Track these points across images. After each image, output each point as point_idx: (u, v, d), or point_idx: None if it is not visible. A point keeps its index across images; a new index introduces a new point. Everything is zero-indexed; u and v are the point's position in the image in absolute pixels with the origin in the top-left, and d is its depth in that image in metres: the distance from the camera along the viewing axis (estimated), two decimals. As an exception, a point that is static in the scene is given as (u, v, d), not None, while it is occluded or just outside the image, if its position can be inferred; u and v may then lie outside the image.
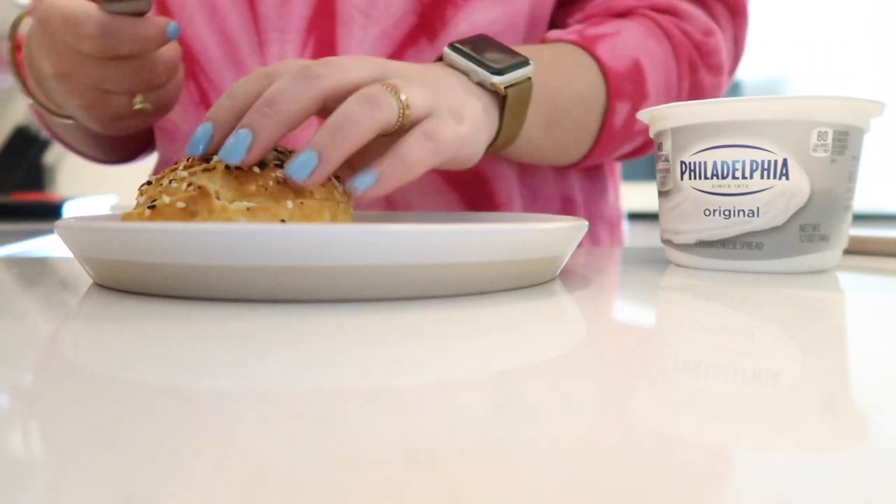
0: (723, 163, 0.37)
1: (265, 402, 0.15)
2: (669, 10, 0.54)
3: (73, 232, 0.29)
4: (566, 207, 0.60)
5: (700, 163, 0.38)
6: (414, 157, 0.33)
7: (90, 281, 0.33)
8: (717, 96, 0.56)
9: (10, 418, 0.14)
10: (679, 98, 0.53)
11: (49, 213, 1.26)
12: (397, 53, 0.51)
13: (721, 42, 0.54)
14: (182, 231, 0.25)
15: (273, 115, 0.31)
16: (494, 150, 0.43)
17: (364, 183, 0.32)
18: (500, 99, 0.41)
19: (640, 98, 0.50)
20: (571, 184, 0.60)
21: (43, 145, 1.89)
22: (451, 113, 0.36)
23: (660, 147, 0.41)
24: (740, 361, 0.19)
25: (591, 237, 0.63)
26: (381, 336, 0.21)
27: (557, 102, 0.47)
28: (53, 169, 2.00)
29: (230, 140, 0.31)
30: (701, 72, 0.54)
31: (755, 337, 0.22)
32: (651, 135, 0.43)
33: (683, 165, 0.39)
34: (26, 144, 1.85)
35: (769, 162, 0.36)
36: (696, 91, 0.54)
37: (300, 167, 0.30)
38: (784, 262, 0.37)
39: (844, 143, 0.36)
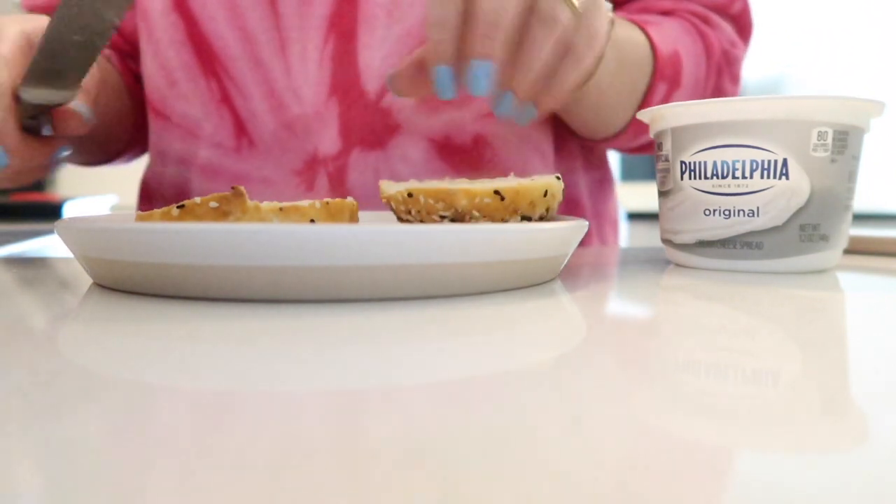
0: (723, 163, 0.37)
1: (265, 402, 0.15)
2: (703, 18, 0.56)
3: (73, 232, 0.29)
4: (570, 209, 0.60)
5: (700, 163, 0.38)
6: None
7: (90, 281, 0.33)
8: None
9: (10, 418, 0.14)
10: (704, 96, 0.56)
11: (49, 213, 1.26)
12: None
13: (742, 55, 0.58)
14: (182, 231, 0.25)
15: (499, 37, 0.32)
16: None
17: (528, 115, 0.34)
18: None
19: (674, 84, 0.52)
20: (577, 184, 0.61)
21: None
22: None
23: (660, 147, 0.41)
24: (740, 361, 0.19)
25: (600, 238, 0.63)
26: (381, 336, 0.21)
27: (623, 52, 0.48)
28: (53, 169, 2.00)
29: (471, 74, 0.32)
30: (725, 77, 0.57)
31: (755, 337, 0.22)
32: (651, 135, 0.43)
33: (683, 165, 0.39)
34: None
35: (769, 162, 0.36)
36: (718, 94, 0.57)
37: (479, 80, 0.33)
38: (784, 262, 0.37)
39: (844, 142, 0.36)
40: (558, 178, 0.34)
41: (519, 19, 0.34)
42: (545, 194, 0.33)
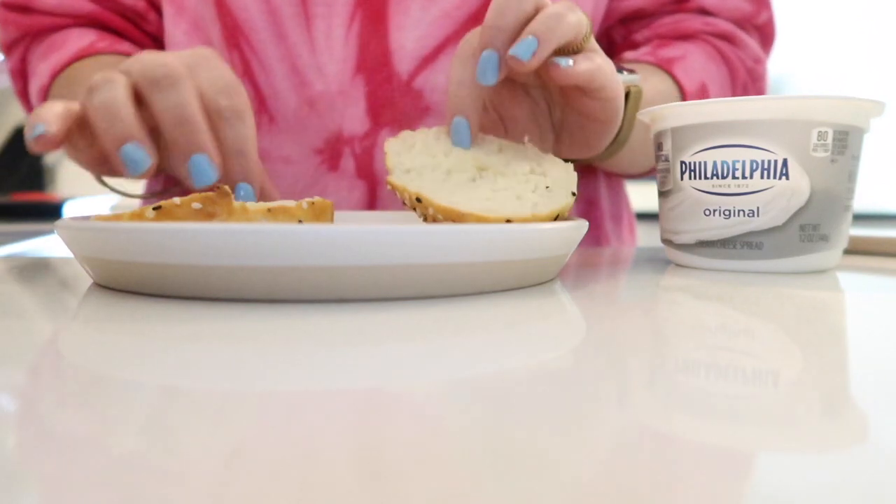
0: (723, 163, 0.37)
1: (265, 403, 0.15)
2: (728, 38, 0.58)
3: (73, 232, 0.29)
4: (589, 210, 0.60)
5: (700, 163, 0.38)
6: (585, 66, 0.36)
7: (90, 281, 0.33)
8: None
9: (10, 418, 0.14)
10: None
11: (49, 213, 1.26)
12: (456, 35, 0.51)
13: (766, 69, 0.60)
14: (182, 231, 0.25)
15: (557, 26, 0.34)
16: (610, 152, 0.46)
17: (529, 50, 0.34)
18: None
19: None
20: (597, 187, 0.61)
21: (43, 145, 1.88)
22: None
23: (660, 147, 0.41)
24: (740, 361, 0.19)
25: (618, 240, 0.64)
26: (381, 336, 0.21)
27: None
28: (53, 169, 2.00)
29: (517, 44, 0.33)
30: (751, 94, 0.59)
31: (755, 337, 0.22)
32: (651, 134, 0.43)
33: (683, 165, 0.39)
34: (26, 144, 1.85)
35: (769, 162, 0.36)
36: None
37: (525, 49, 0.33)
38: (784, 262, 0.37)
39: (844, 142, 0.36)
40: (574, 193, 0.34)
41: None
42: (556, 219, 0.33)
